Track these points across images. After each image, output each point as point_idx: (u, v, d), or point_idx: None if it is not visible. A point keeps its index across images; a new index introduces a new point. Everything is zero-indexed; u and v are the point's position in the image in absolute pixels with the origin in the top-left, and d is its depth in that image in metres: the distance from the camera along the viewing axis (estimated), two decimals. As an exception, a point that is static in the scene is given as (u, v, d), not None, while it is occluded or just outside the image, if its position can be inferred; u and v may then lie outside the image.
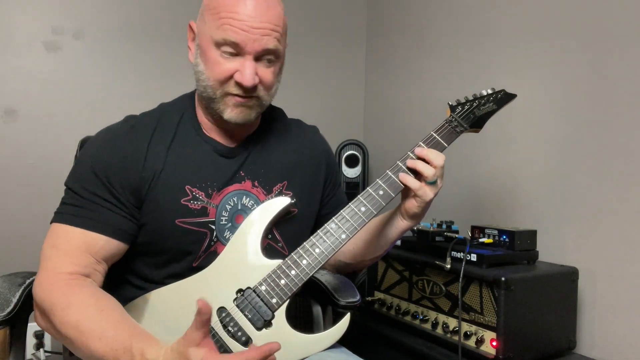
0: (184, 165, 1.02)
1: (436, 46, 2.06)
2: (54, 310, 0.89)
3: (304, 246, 0.99)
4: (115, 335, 0.85)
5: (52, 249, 0.95)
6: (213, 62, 0.97)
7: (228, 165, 1.06)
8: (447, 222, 1.59)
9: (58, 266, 0.93)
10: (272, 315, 0.96)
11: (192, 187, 1.02)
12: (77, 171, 1.01)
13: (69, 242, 0.95)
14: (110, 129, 1.05)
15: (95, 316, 0.87)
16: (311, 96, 2.33)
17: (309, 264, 0.97)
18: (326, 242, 0.98)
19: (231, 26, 0.94)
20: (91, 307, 0.89)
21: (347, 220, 1.00)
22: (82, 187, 0.98)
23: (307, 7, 2.32)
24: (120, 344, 0.83)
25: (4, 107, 1.75)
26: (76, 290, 0.91)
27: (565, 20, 1.58)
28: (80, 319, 0.87)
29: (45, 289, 0.91)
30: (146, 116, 1.07)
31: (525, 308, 1.31)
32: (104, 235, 0.96)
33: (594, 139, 1.49)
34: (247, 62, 0.96)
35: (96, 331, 0.85)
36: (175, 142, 1.04)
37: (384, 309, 1.63)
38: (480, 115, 1.13)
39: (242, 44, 0.94)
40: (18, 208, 1.76)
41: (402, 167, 1.03)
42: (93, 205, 0.97)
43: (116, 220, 0.97)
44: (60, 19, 1.81)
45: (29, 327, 1.09)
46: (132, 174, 0.99)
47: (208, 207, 1.02)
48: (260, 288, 0.97)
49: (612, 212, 1.44)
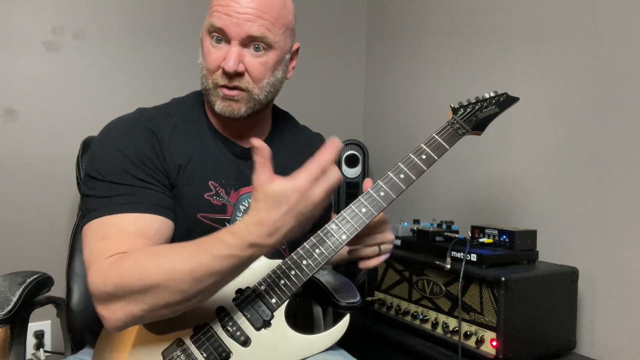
0: (207, 161, 1.04)
1: (436, 46, 2.06)
2: (124, 278, 0.81)
3: (304, 247, 0.98)
4: (195, 244, 0.82)
5: (102, 241, 0.88)
6: (206, 51, 1.00)
7: (243, 166, 1.07)
8: (447, 222, 1.59)
9: (111, 250, 0.86)
10: (271, 316, 0.96)
11: (215, 182, 1.03)
12: (106, 162, 0.96)
13: (120, 228, 0.90)
14: (124, 118, 1.04)
15: (166, 251, 0.85)
16: (311, 96, 2.33)
17: (308, 265, 0.97)
18: (326, 242, 0.98)
19: (217, 12, 0.96)
20: (157, 248, 0.87)
21: (347, 221, 0.99)
22: (118, 174, 0.94)
23: (307, 7, 2.32)
24: (206, 243, 0.81)
25: (4, 107, 1.75)
26: (134, 252, 0.86)
27: (566, 22, 1.58)
28: (153, 260, 0.82)
29: (101, 273, 0.84)
30: (161, 109, 1.07)
31: (525, 308, 1.31)
32: (159, 216, 0.94)
33: (594, 139, 1.50)
34: (232, 47, 0.97)
35: (176, 256, 0.82)
36: (198, 137, 1.05)
37: (384, 309, 1.63)
38: (483, 118, 1.13)
39: (225, 29, 0.96)
40: (18, 208, 1.76)
41: (404, 169, 1.03)
42: (138, 189, 0.94)
43: (162, 198, 0.96)
44: (60, 19, 1.81)
45: (29, 327, 1.09)
46: (160, 157, 0.98)
47: (227, 205, 1.04)
48: (259, 288, 0.97)
49: (612, 212, 1.45)
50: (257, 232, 0.79)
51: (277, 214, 0.79)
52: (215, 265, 0.81)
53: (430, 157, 1.04)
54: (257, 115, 1.07)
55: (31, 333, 1.73)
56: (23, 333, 1.07)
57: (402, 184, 1.02)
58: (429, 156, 1.04)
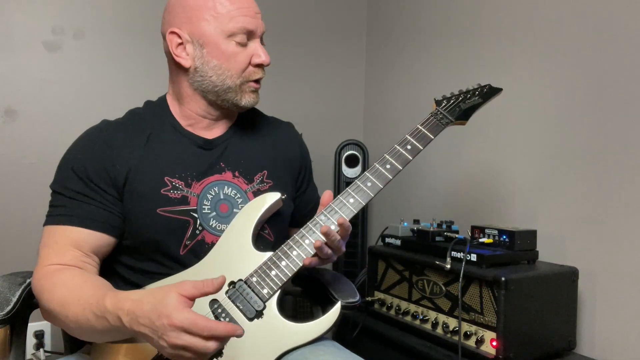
0: (162, 158, 1.07)
1: (436, 46, 2.06)
2: (42, 294, 0.94)
3: (294, 238, 1.02)
4: (92, 294, 0.88)
5: (43, 249, 1.00)
6: (231, 54, 1.05)
7: (206, 156, 1.11)
8: (447, 222, 1.59)
9: (47, 260, 0.97)
10: (263, 306, 0.98)
11: (170, 177, 1.06)
12: (59, 174, 1.05)
13: (56, 240, 0.99)
14: (86, 132, 1.10)
15: (77, 286, 0.91)
16: (311, 96, 2.33)
17: (298, 255, 1.01)
18: (315, 233, 1.02)
19: (243, 15, 1.04)
20: (75, 279, 0.94)
21: (335, 212, 1.03)
22: (65, 187, 1.03)
23: (307, 7, 2.32)
24: (96, 299, 0.86)
25: (4, 107, 1.75)
26: (62, 271, 0.95)
27: (566, 22, 1.58)
28: (63, 292, 0.91)
29: (35, 278, 0.97)
30: (120, 118, 1.13)
31: (525, 308, 1.31)
32: (85, 229, 1.00)
33: (594, 140, 1.49)
34: (258, 44, 1.08)
35: (76, 297, 0.89)
36: (151, 140, 1.08)
37: (383, 309, 1.63)
38: (466, 109, 1.18)
39: (254, 29, 1.06)
40: (18, 208, 1.76)
41: (390, 160, 1.07)
42: (75, 202, 1.01)
43: (98, 213, 1.01)
44: (60, 19, 1.81)
45: (29, 327, 1.09)
46: (108, 167, 1.03)
47: (189, 196, 1.06)
48: (251, 279, 0.99)
49: (612, 212, 1.45)
50: (128, 319, 0.81)
51: (153, 332, 0.79)
52: (92, 322, 0.86)
53: (415, 147, 1.09)
54: (226, 109, 1.14)
55: (31, 333, 1.73)
56: (23, 333, 1.07)
57: (388, 174, 1.06)
58: (414, 146, 1.09)
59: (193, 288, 0.80)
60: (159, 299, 0.79)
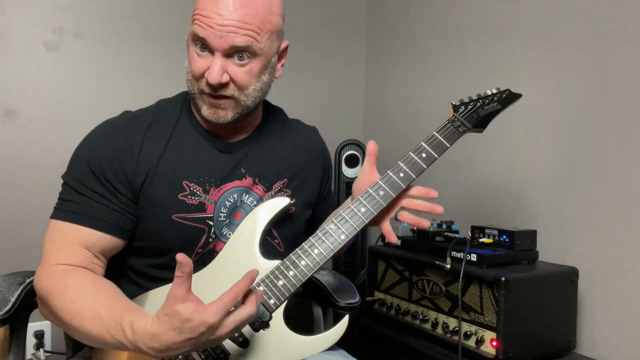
0: (181, 160, 1.02)
1: (437, 46, 2.06)
2: (51, 297, 0.90)
3: (302, 247, 0.98)
4: (108, 312, 0.85)
5: (50, 244, 0.96)
6: (191, 57, 0.99)
7: (226, 161, 1.05)
8: (447, 222, 1.59)
9: (55, 259, 0.94)
10: (269, 316, 0.95)
11: (189, 182, 1.01)
12: (73, 166, 1.01)
13: (64, 237, 0.96)
14: (106, 123, 1.05)
15: (90, 296, 0.88)
16: (311, 96, 2.33)
17: (307, 265, 0.96)
18: (325, 242, 0.97)
19: (199, 22, 0.94)
20: (88, 286, 0.90)
21: (346, 220, 0.99)
22: (78, 182, 0.98)
23: (307, 6, 2.32)
24: (112, 319, 0.83)
25: (4, 107, 1.75)
26: (73, 274, 0.92)
27: (568, 20, 1.57)
28: (75, 301, 0.88)
29: (42, 278, 0.93)
30: (143, 111, 1.07)
31: (525, 308, 1.31)
32: (97, 231, 0.96)
33: (594, 139, 1.49)
34: (216, 59, 0.95)
35: (90, 310, 0.86)
36: (173, 137, 1.03)
37: (384, 309, 1.63)
38: (484, 115, 1.11)
39: (207, 40, 0.94)
40: (18, 208, 1.76)
41: (404, 168, 1.02)
42: (88, 200, 0.97)
43: (110, 215, 0.97)
44: (60, 19, 1.81)
45: (29, 327, 1.09)
46: (127, 167, 0.98)
47: (206, 203, 1.02)
48: (258, 289, 0.96)
49: (612, 212, 1.44)
50: (149, 344, 0.79)
51: (176, 337, 0.78)
52: (107, 340, 0.84)
53: (431, 155, 1.03)
54: (245, 116, 1.05)
55: (31, 333, 1.73)
56: (23, 333, 1.07)
57: (401, 183, 1.01)
58: (429, 154, 1.03)
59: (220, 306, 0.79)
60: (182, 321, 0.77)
